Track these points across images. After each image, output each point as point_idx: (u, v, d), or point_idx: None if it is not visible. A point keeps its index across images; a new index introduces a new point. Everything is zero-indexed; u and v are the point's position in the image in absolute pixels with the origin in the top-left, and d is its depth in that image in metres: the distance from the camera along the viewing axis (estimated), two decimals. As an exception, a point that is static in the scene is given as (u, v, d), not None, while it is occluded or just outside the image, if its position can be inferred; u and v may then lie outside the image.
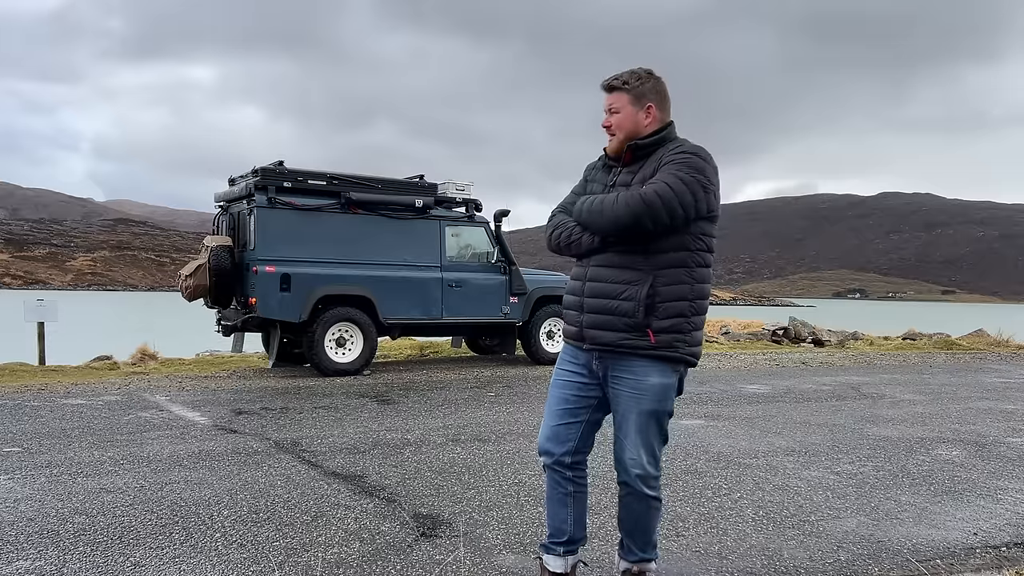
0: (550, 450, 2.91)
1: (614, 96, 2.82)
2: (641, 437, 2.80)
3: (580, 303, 2.84)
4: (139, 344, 11.10)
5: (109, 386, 8.42)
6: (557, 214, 2.96)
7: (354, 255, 9.68)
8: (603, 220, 2.72)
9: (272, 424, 6.36)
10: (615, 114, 2.83)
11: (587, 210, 2.79)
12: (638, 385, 2.77)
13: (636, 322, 2.71)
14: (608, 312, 2.75)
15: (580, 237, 2.82)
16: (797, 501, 4.31)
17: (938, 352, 14.19)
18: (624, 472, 2.85)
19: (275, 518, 3.87)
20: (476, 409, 7.20)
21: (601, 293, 2.78)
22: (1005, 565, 3.44)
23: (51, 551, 3.40)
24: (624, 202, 2.66)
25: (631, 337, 2.73)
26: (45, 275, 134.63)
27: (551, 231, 2.94)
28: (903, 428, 6.54)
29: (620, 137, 2.83)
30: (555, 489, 2.93)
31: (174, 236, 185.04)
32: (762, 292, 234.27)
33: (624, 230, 2.69)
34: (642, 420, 2.79)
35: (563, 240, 2.88)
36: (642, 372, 2.77)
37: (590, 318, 2.80)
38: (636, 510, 2.89)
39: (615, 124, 2.83)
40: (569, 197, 2.98)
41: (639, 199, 2.64)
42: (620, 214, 2.66)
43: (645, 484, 2.82)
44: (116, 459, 5.08)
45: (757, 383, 9.34)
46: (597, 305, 2.78)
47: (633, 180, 2.78)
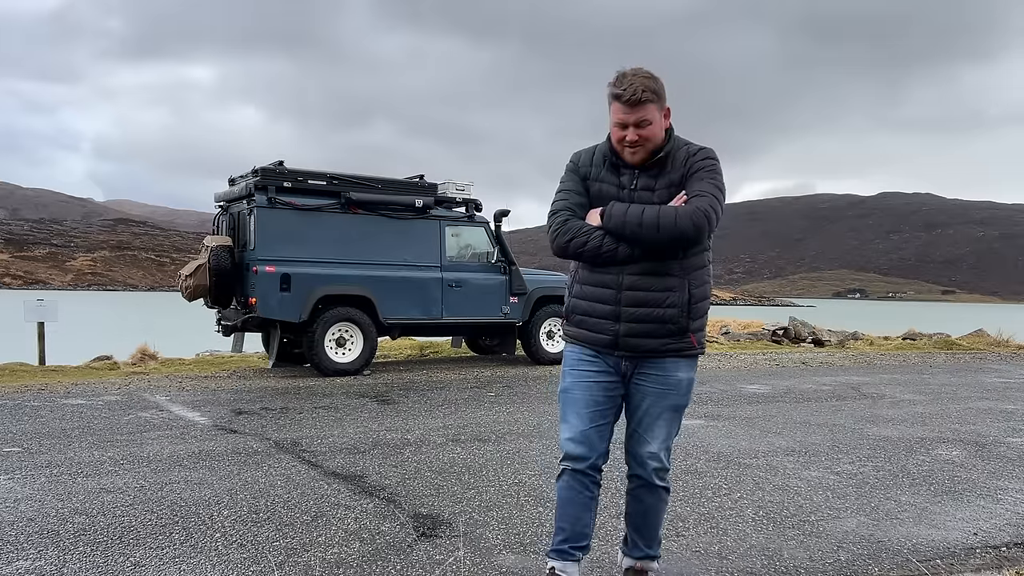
0: (583, 455, 2.79)
1: (645, 109, 2.67)
2: (665, 431, 2.83)
3: (616, 312, 2.74)
4: (139, 344, 11.10)
5: (109, 386, 8.42)
6: (569, 219, 2.79)
7: (354, 255, 9.68)
8: (661, 235, 2.64)
9: (272, 424, 6.36)
10: (646, 127, 2.69)
11: (634, 223, 2.66)
12: (667, 380, 2.79)
13: (680, 327, 2.74)
14: (652, 320, 2.72)
15: (615, 248, 2.71)
16: (797, 501, 4.31)
17: (938, 352, 14.19)
18: (640, 466, 2.84)
19: (275, 518, 3.87)
20: (476, 409, 7.20)
21: (643, 302, 2.72)
22: (1005, 565, 3.44)
23: (51, 551, 3.40)
24: (688, 218, 2.63)
25: (674, 342, 2.76)
26: (45, 275, 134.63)
27: (568, 238, 2.77)
28: (903, 428, 6.54)
29: (650, 148, 2.73)
30: (580, 494, 2.82)
31: (174, 236, 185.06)
32: (762, 292, 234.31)
33: (684, 244, 2.68)
34: (668, 415, 2.82)
35: (588, 250, 2.74)
36: (672, 368, 2.79)
37: (630, 327, 2.73)
38: (647, 502, 2.89)
39: (648, 136, 2.70)
40: (570, 197, 2.84)
41: (702, 215, 2.63)
42: (685, 229, 2.63)
43: (659, 476, 2.85)
44: (116, 459, 5.08)
45: (757, 383, 9.33)
46: (639, 315, 2.72)
47: (657, 185, 2.74)
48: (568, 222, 2.79)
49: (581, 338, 2.85)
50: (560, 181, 2.91)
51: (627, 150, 2.74)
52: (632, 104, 2.66)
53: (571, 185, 2.86)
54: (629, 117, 2.68)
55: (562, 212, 2.82)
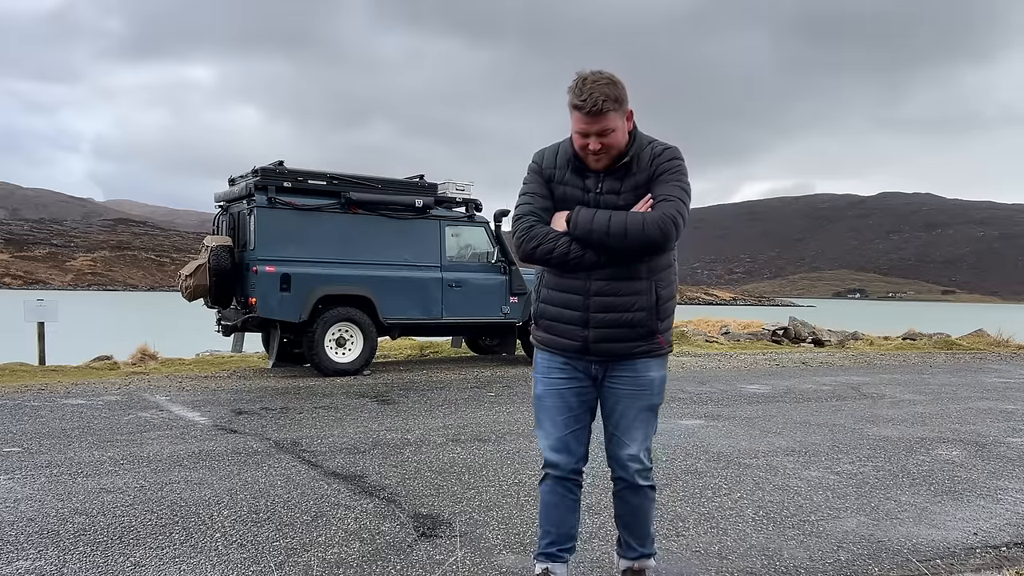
0: (561, 462, 2.82)
1: (606, 119, 2.61)
2: (642, 431, 2.82)
3: (584, 319, 2.73)
4: (139, 344, 11.09)
5: (109, 386, 8.42)
6: (534, 224, 2.75)
7: (354, 255, 9.68)
8: (629, 242, 2.63)
9: (272, 424, 6.36)
10: (609, 134, 2.63)
11: (601, 231, 2.64)
12: (639, 381, 2.79)
13: (650, 330, 2.74)
14: (621, 325, 2.72)
15: (582, 255, 2.68)
16: (797, 501, 4.31)
17: (938, 352, 14.19)
18: (622, 469, 2.84)
19: (275, 518, 3.87)
20: (476, 409, 7.20)
21: (612, 307, 2.71)
22: (1005, 565, 3.44)
23: (51, 551, 3.40)
24: (656, 225, 2.61)
25: (643, 344, 2.76)
26: (45, 275, 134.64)
27: (534, 245, 2.73)
28: (903, 428, 6.54)
29: (613, 154, 2.69)
30: (564, 498, 2.86)
31: (174, 236, 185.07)
32: (762, 292, 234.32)
33: (652, 251, 2.67)
34: (644, 415, 2.82)
35: (556, 257, 2.71)
36: (643, 368, 2.79)
37: (599, 332, 2.72)
38: (633, 503, 2.89)
39: (611, 144, 2.66)
40: (535, 201, 2.78)
41: (670, 221, 2.62)
42: (653, 236, 2.61)
43: (642, 476, 2.85)
44: (116, 459, 5.08)
45: (757, 383, 9.33)
46: (609, 320, 2.71)
47: (623, 188, 2.71)
48: (533, 228, 2.75)
49: (550, 344, 2.83)
50: (524, 182, 2.85)
51: (591, 158, 2.70)
52: (593, 115, 2.60)
53: (535, 188, 2.81)
54: (591, 127, 2.63)
55: (527, 217, 2.78)
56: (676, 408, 7.32)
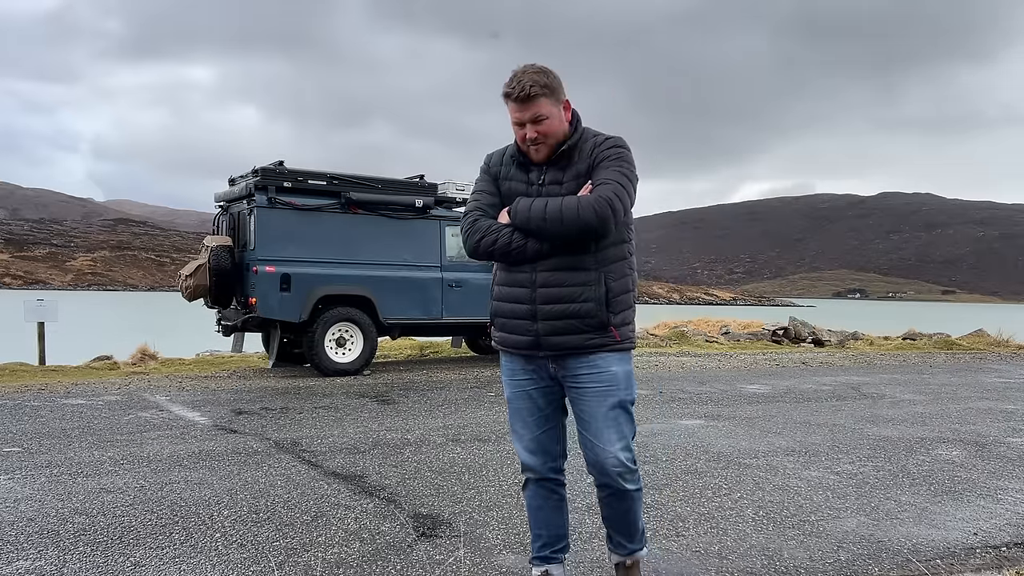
0: (538, 463, 2.81)
1: (538, 104, 2.63)
2: (615, 432, 2.70)
3: (532, 311, 2.69)
4: (139, 344, 11.10)
5: (109, 386, 8.42)
6: (479, 218, 2.76)
7: (354, 255, 9.69)
8: (565, 227, 2.59)
9: (272, 424, 6.36)
10: (543, 122, 2.65)
11: (538, 217, 2.63)
12: (602, 378, 2.70)
13: (600, 321, 2.66)
14: (569, 316, 2.66)
15: (524, 244, 2.67)
16: (797, 501, 4.31)
17: (938, 352, 14.19)
18: (604, 474, 2.72)
19: (275, 518, 3.87)
20: (476, 409, 7.20)
21: (557, 298, 2.66)
22: (1005, 565, 3.44)
23: (51, 551, 3.40)
24: (591, 207, 2.57)
25: (595, 337, 2.68)
26: (45, 275, 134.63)
27: (478, 237, 2.73)
28: (903, 428, 6.54)
29: (551, 143, 2.69)
30: (547, 499, 2.84)
31: (174, 236, 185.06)
32: (762, 292, 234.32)
33: (589, 235, 2.62)
34: (613, 413, 2.71)
35: (499, 247, 2.69)
36: (604, 364, 2.70)
37: (548, 325, 2.67)
38: (619, 508, 2.80)
39: (547, 132, 2.66)
40: (482, 198, 2.81)
41: (605, 203, 2.57)
42: (588, 219, 2.57)
43: (624, 480, 2.73)
44: (116, 459, 5.08)
45: (757, 383, 9.33)
46: (555, 311, 2.66)
47: (565, 178, 2.70)
48: (478, 222, 2.76)
49: (506, 343, 2.80)
50: (474, 183, 2.90)
51: (530, 148, 2.71)
52: (522, 101, 2.63)
53: (483, 186, 2.84)
54: (523, 115, 2.65)
55: (472, 213, 2.80)
56: (676, 408, 7.32)
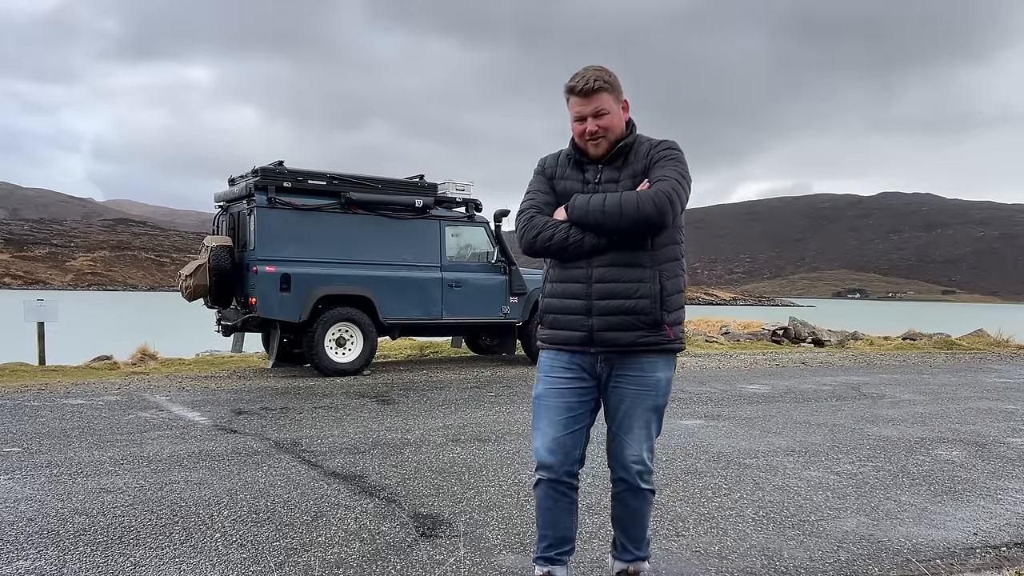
0: (558, 463, 2.78)
1: (598, 98, 2.71)
2: (645, 432, 2.80)
3: (588, 307, 2.72)
4: (139, 344, 11.10)
5: (109, 386, 8.42)
6: (535, 215, 2.80)
7: (354, 255, 9.69)
8: (624, 219, 2.63)
9: (272, 424, 6.36)
10: (604, 116, 2.72)
11: (596, 210, 2.67)
12: (646, 381, 2.77)
13: (654, 319, 2.71)
14: (624, 312, 2.70)
15: (581, 238, 2.71)
16: (797, 501, 4.31)
17: (938, 352, 14.19)
18: (624, 469, 2.81)
19: (275, 518, 3.87)
20: (476, 409, 7.20)
21: (614, 294, 2.70)
22: (1005, 565, 3.43)
23: (51, 551, 3.40)
24: (650, 200, 2.62)
25: (649, 334, 2.72)
26: (45, 275, 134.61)
27: (535, 233, 2.77)
28: (903, 428, 6.54)
29: (611, 139, 2.76)
30: (559, 502, 2.83)
31: (174, 236, 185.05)
32: (762, 292, 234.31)
33: (648, 228, 2.66)
34: (648, 415, 2.79)
35: (555, 243, 2.74)
36: (650, 367, 2.77)
37: (603, 320, 2.71)
38: (633, 505, 2.87)
39: (607, 126, 2.73)
40: (537, 196, 2.85)
41: (664, 197, 2.63)
42: (648, 212, 2.62)
43: (643, 479, 2.82)
44: (116, 459, 5.08)
45: (757, 383, 9.33)
46: (611, 307, 2.70)
47: (621, 177, 2.76)
48: (534, 218, 2.80)
49: (556, 339, 2.82)
50: (528, 185, 2.93)
51: (589, 143, 2.76)
52: (586, 94, 2.71)
53: (538, 186, 2.89)
54: (586, 108, 2.72)
55: (528, 210, 2.83)
56: (676, 408, 7.32)
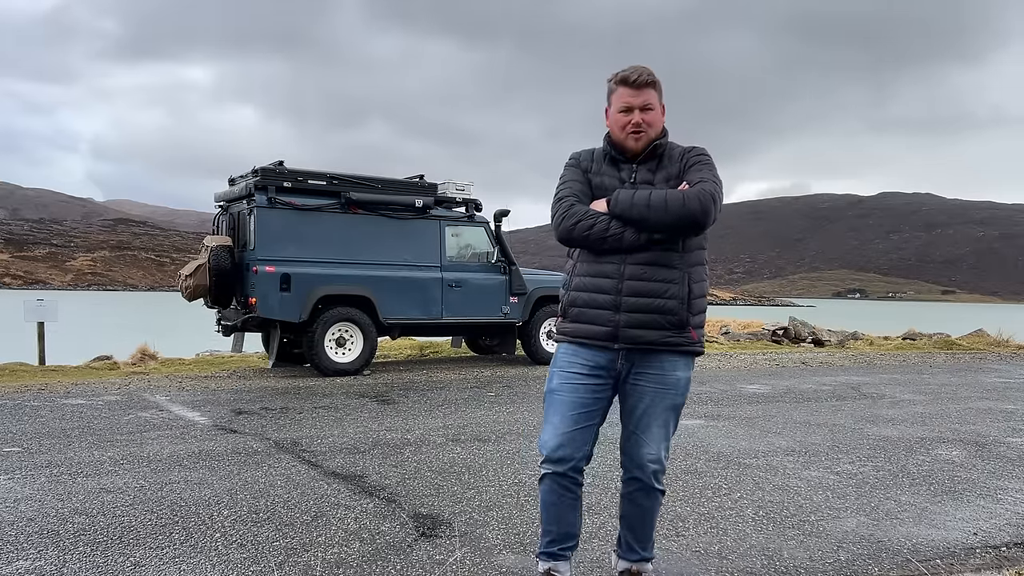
0: (565, 457, 2.77)
1: (648, 92, 2.76)
2: (663, 431, 2.82)
3: (616, 302, 2.73)
4: (139, 344, 11.10)
5: (109, 386, 8.42)
6: (575, 204, 2.79)
7: (354, 255, 9.68)
8: (669, 215, 2.65)
9: (272, 424, 6.36)
10: (649, 111, 2.76)
11: (642, 204, 2.68)
12: (665, 380, 2.78)
13: (680, 319, 2.74)
14: (652, 311, 2.72)
15: (621, 232, 2.71)
16: (797, 501, 4.31)
17: (938, 352, 14.19)
18: (639, 468, 2.82)
19: (275, 518, 3.87)
20: (476, 409, 7.20)
21: (644, 292, 2.72)
22: (1005, 565, 3.44)
23: (51, 551, 3.40)
24: (696, 198, 2.65)
25: (673, 335, 2.75)
26: (45, 275, 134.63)
27: (574, 222, 2.76)
28: (903, 428, 6.54)
29: (651, 135, 2.78)
30: (563, 497, 2.82)
31: (174, 236, 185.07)
32: (762, 292, 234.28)
33: (690, 226, 2.69)
34: (666, 414, 2.81)
35: (595, 233, 2.73)
36: (671, 367, 2.79)
37: (630, 317, 2.72)
38: (645, 505, 2.87)
39: (650, 121, 2.76)
40: (575, 186, 2.84)
41: (709, 196, 2.66)
42: (694, 209, 2.64)
43: (657, 479, 2.83)
44: (116, 459, 5.08)
45: (757, 383, 9.33)
46: (640, 304, 2.72)
47: (656, 178, 2.79)
48: (574, 207, 2.79)
49: (579, 333, 2.80)
50: (560, 177, 2.92)
51: (630, 136, 2.77)
52: (639, 86, 2.75)
53: (574, 175, 2.88)
54: (636, 99, 2.75)
55: (568, 198, 2.82)
56: (676, 408, 7.31)
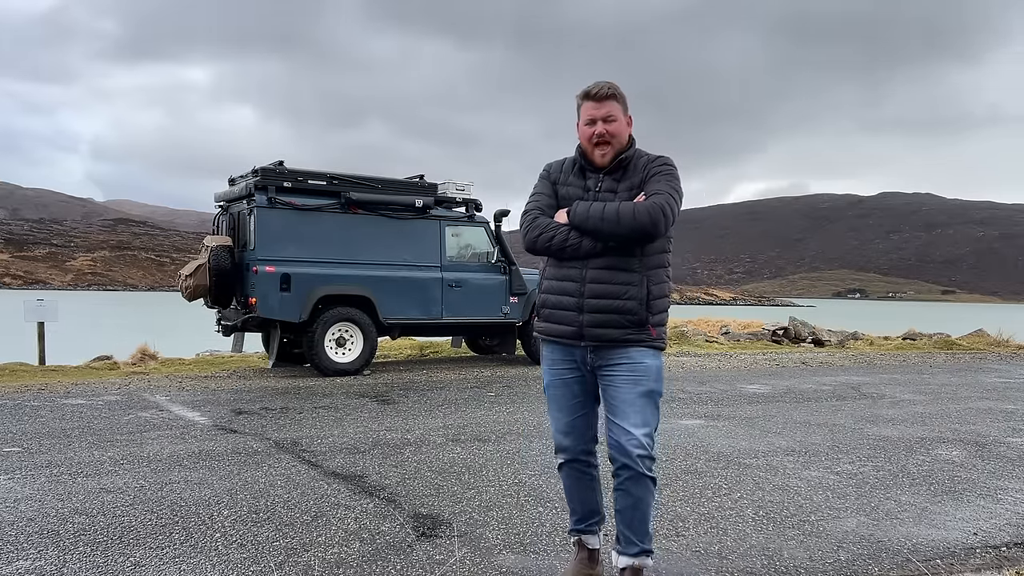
0: (572, 444, 3.06)
1: (610, 105, 2.93)
2: (641, 417, 2.92)
3: (579, 304, 2.93)
4: (139, 344, 11.10)
5: (109, 386, 8.42)
6: (538, 216, 3.01)
7: (354, 255, 9.69)
8: (621, 227, 2.84)
9: (272, 424, 6.36)
10: (612, 123, 2.93)
11: (596, 217, 2.87)
12: (636, 368, 2.93)
13: (639, 319, 2.91)
14: (612, 311, 2.90)
15: (579, 242, 2.92)
16: (797, 501, 4.31)
17: (938, 352, 14.19)
18: (625, 455, 2.90)
19: (275, 518, 3.87)
20: (476, 409, 7.20)
21: (604, 294, 2.90)
22: (1005, 565, 3.44)
23: (51, 551, 3.40)
24: (646, 212, 2.82)
25: (633, 332, 2.91)
26: (45, 275, 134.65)
27: (537, 233, 2.99)
28: (903, 428, 6.54)
29: (616, 147, 2.95)
30: (581, 479, 3.09)
31: (174, 236, 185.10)
32: (762, 292, 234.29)
33: (641, 236, 2.86)
34: (642, 400, 2.93)
35: (555, 243, 2.95)
36: (638, 356, 2.94)
37: (592, 318, 2.91)
38: (636, 494, 2.92)
39: (613, 132, 2.93)
40: (541, 199, 3.05)
41: (659, 209, 2.83)
42: (643, 222, 2.82)
43: (645, 465, 2.91)
44: (116, 459, 5.08)
45: (757, 383, 9.33)
46: (600, 305, 2.90)
47: (619, 187, 2.96)
48: (537, 219, 3.01)
49: (550, 332, 3.04)
50: (533, 187, 3.15)
51: (597, 150, 2.96)
52: (600, 99, 2.92)
53: (542, 188, 3.10)
54: (598, 111, 2.92)
55: (532, 211, 3.05)
56: (676, 408, 7.32)
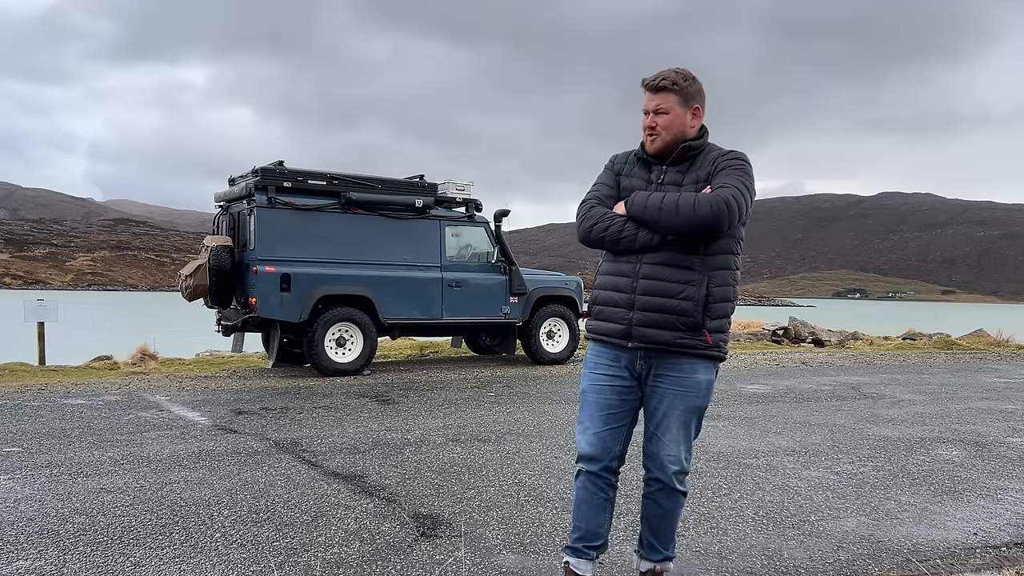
0: (596, 457, 2.85)
1: (661, 96, 2.78)
2: (683, 433, 2.82)
3: (630, 300, 2.77)
4: (139, 344, 11.10)
5: (109, 386, 8.42)
6: (595, 206, 2.86)
7: (354, 255, 9.68)
8: (679, 219, 2.67)
9: (272, 424, 6.36)
10: (662, 115, 2.79)
11: (654, 207, 2.71)
12: (685, 382, 2.79)
13: (694, 322, 2.73)
14: (665, 311, 2.73)
15: (635, 233, 2.76)
16: (797, 501, 4.31)
17: (938, 352, 14.19)
18: (660, 469, 2.83)
19: (275, 518, 3.87)
20: (476, 409, 7.20)
21: (657, 291, 2.74)
22: (1005, 565, 3.44)
23: (51, 551, 3.40)
24: (708, 204, 2.64)
25: (687, 337, 2.74)
26: (45, 275, 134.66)
27: (591, 223, 2.83)
28: (903, 428, 6.54)
29: (666, 138, 2.80)
30: (595, 495, 2.88)
31: (174, 236, 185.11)
32: (762, 292, 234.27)
33: (701, 230, 2.67)
34: (686, 416, 2.81)
35: (610, 234, 2.79)
36: (690, 369, 2.78)
37: (643, 316, 2.75)
38: (665, 506, 2.88)
39: (662, 125, 2.79)
40: (601, 189, 2.91)
41: (722, 202, 2.64)
42: (704, 215, 2.64)
43: (679, 480, 2.84)
44: (116, 459, 5.08)
45: (757, 383, 9.33)
46: (653, 303, 2.74)
47: (684, 180, 2.79)
48: (593, 209, 2.86)
49: (599, 330, 2.88)
50: (596, 178, 3.00)
51: (648, 139, 2.83)
52: (653, 90, 2.79)
53: (604, 179, 2.95)
54: (650, 103, 2.80)
55: (590, 201, 2.90)
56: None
